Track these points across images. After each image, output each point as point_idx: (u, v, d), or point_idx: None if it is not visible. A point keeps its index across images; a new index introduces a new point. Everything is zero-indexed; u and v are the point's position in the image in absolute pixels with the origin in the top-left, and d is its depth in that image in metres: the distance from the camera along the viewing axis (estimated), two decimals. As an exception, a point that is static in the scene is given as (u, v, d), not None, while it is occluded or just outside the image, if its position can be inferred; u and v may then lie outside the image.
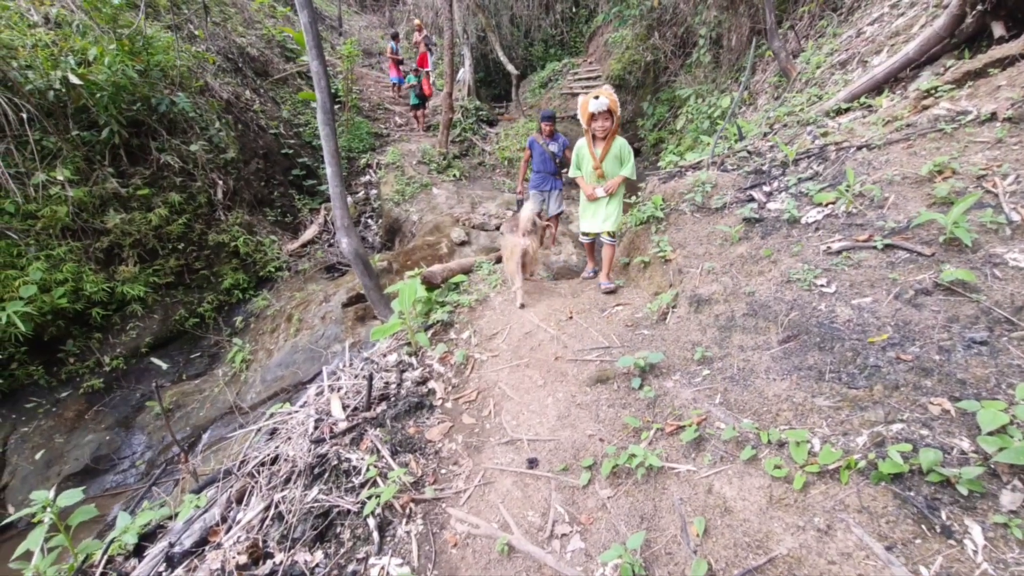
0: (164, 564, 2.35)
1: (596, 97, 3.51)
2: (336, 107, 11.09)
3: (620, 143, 3.79)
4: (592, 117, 3.62)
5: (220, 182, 7.31)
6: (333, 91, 11.02)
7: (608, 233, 3.88)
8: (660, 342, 2.84)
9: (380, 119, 12.37)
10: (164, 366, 6.12)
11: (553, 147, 5.78)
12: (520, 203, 5.57)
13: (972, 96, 3.44)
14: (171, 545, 2.40)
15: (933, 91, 3.79)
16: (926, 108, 3.65)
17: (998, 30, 3.95)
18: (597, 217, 3.90)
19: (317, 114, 4.29)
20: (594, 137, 3.78)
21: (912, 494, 1.60)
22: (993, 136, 2.88)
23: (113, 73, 6.15)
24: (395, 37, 13.05)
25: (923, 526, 1.53)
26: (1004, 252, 2.27)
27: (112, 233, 6.05)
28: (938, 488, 1.59)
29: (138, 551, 2.56)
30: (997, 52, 3.66)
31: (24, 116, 5.51)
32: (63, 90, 5.86)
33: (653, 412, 2.36)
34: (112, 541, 2.56)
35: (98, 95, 6.06)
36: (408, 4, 18.94)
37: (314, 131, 10.08)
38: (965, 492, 1.55)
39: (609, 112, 3.59)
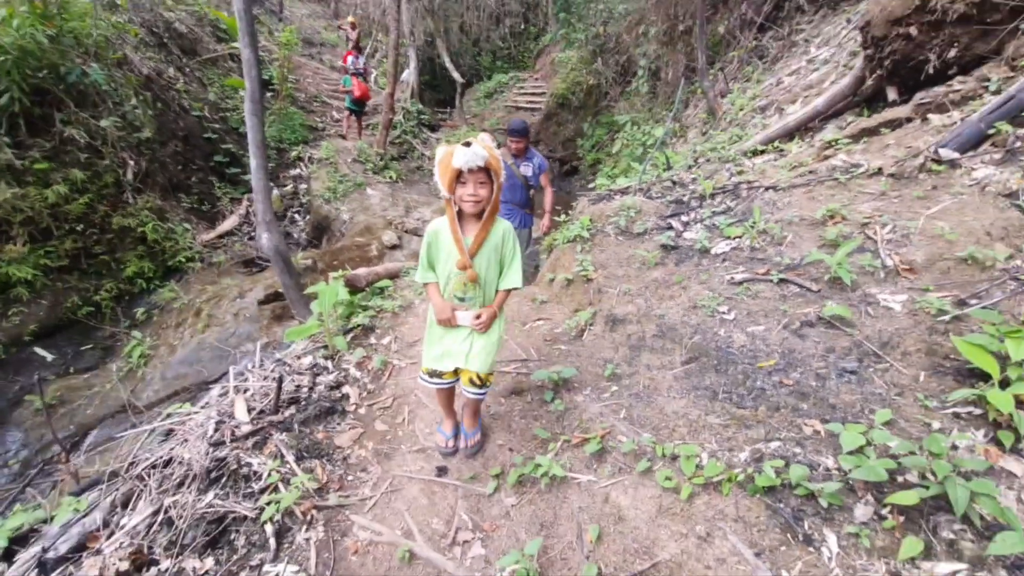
0: (36, 570, 2.14)
1: (467, 144, 1.91)
2: (269, 95, 10.62)
3: (503, 227, 2.15)
4: (458, 178, 1.97)
5: (131, 162, 6.77)
6: (268, 78, 10.58)
7: (476, 378, 2.22)
8: (575, 357, 2.94)
9: (316, 112, 11.97)
10: (49, 357, 5.56)
11: (525, 169, 4.59)
12: None
13: (865, 151, 3.85)
14: (44, 550, 2.19)
15: (834, 143, 4.21)
16: (827, 158, 4.05)
17: (892, 94, 4.46)
18: (455, 349, 2.21)
19: (245, 103, 4.11)
20: (460, 214, 2.09)
21: (782, 505, 1.76)
22: (878, 188, 3.24)
23: (21, 36, 5.57)
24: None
25: (788, 535, 1.68)
26: (877, 292, 2.56)
27: (1, 208, 5.44)
28: (804, 501, 1.76)
29: (7, 556, 2.33)
30: (889, 114, 4.12)
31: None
32: (-43, 48, 5.24)
33: (562, 424, 2.44)
34: (-26, 546, 2.30)
35: (1, 59, 5.46)
36: (356, -2, 18.56)
37: (242, 117, 9.51)
38: (826, 505, 1.72)
39: (487, 171, 1.97)
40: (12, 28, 5.54)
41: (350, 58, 10.60)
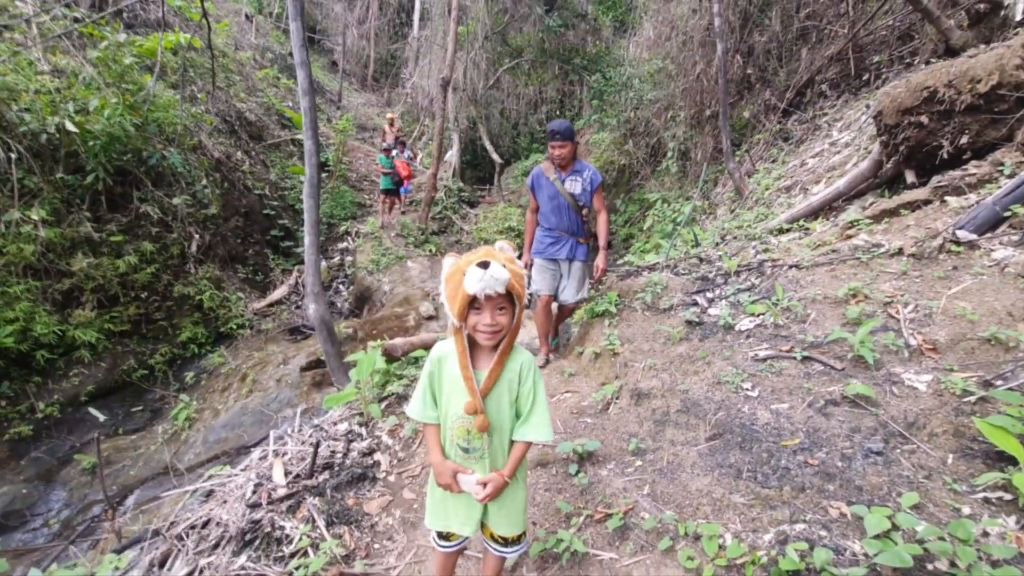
0: (70, 629, 2.24)
1: (483, 265, 1.48)
2: (324, 175, 11.55)
3: (521, 359, 1.72)
4: (472, 303, 1.56)
5: (196, 235, 7.43)
6: (323, 160, 11.57)
7: (501, 539, 1.84)
8: (600, 431, 2.98)
9: (365, 190, 12.88)
10: (102, 417, 5.88)
11: (573, 185, 3.74)
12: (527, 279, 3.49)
13: (886, 231, 3.93)
14: (81, 608, 2.29)
15: (856, 223, 4.30)
16: (849, 237, 4.13)
17: (910, 177, 4.57)
18: (465, 515, 1.81)
19: (304, 187, 4.57)
20: (471, 344, 1.69)
21: (806, 592, 1.73)
22: (899, 268, 3.29)
23: (110, 124, 6.41)
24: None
25: (814, 624, 1.64)
26: (901, 372, 2.56)
27: (76, 276, 6.02)
28: (829, 587, 1.73)
29: (44, 613, 2.43)
30: (908, 196, 4.22)
31: (12, 156, 5.64)
32: (57, 135, 6.05)
33: (585, 498, 2.46)
34: (16, 601, 2.42)
35: (91, 143, 6.27)
36: (407, 88, 20.30)
37: (298, 195, 10.43)
38: (852, 592, 1.69)
39: (509, 297, 1.58)
40: (103, 117, 6.36)
41: (386, 155, 10.90)
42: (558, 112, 20.03)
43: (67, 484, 5.17)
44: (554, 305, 4.30)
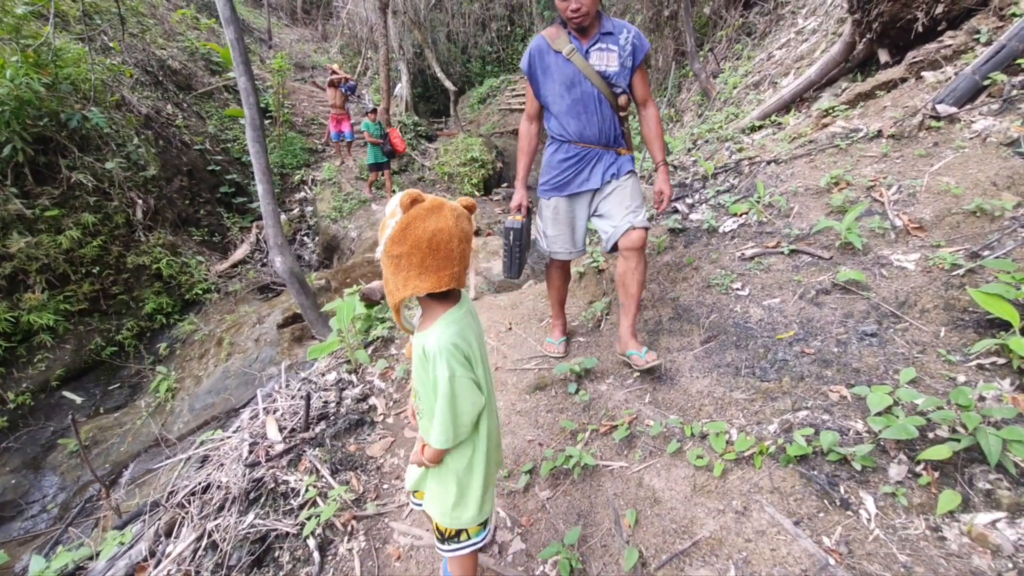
0: (84, 608, 2.20)
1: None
2: (267, 122, 10.77)
3: (427, 343, 1.28)
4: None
5: (140, 201, 6.92)
6: (264, 106, 10.73)
7: (437, 530, 1.53)
8: (595, 348, 2.96)
9: (314, 134, 12.12)
10: (78, 400, 5.68)
11: (604, 59, 2.29)
12: (513, 233, 2.56)
13: (863, 115, 3.84)
14: (91, 587, 2.25)
15: (831, 111, 4.19)
16: (825, 126, 4.04)
17: (884, 56, 4.43)
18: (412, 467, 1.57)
19: (246, 131, 4.19)
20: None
21: (815, 473, 1.77)
22: (880, 151, 3.23)
23: (16, 87, 5.72)
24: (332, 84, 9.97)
25: (825, 501, 1.69)
26: (890, 254, 2.55)
27: (16, 258, 5.58)
28: (837, 466, 1.77)
29: (55, 597, 2.38)
30: (883, 76, 4.10)
31: (-91, 132, 5.02)
32: (-43, 104, 5.39)
33: (588, 414, 2.46)
34: (22, 589, 2.36)
35: (-1, 110, 5.62)
36: (342, 18, 18.75)
37: (243, 147, 9.74)
38: (859, 468, 1.73)
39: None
40: (6, 79, 5.67)
41: (372, 120, 8.77)
42: (508, 29, 18.89)
43: (57, 469, 5.05)
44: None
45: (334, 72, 10.03)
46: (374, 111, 9.08)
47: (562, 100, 2.37)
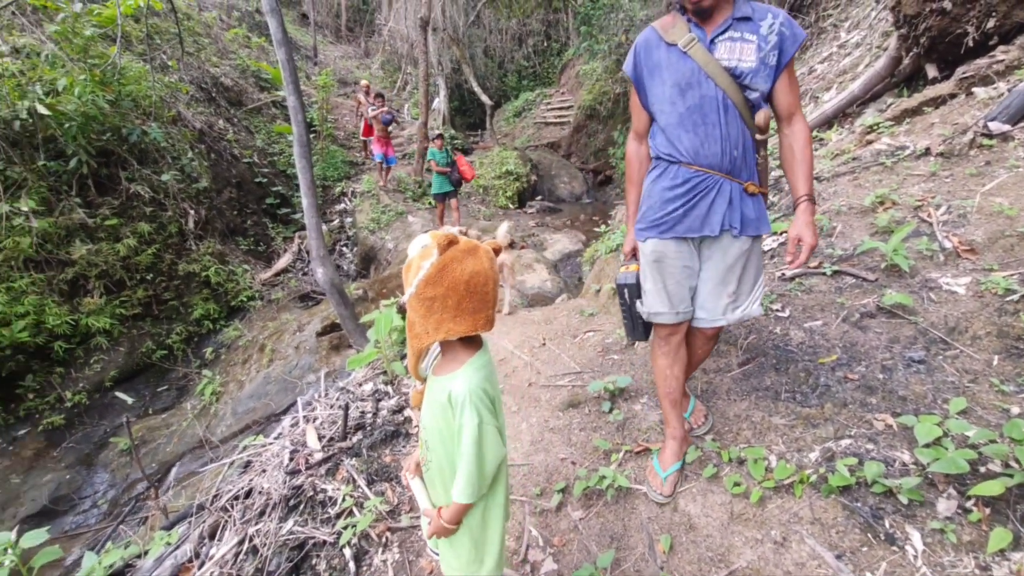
0: (133, 604, 2.31)
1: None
2: (311, 136, 11.17)
3: (455, 389, 1.21)
4: None
5: (191, 211, 7.27)
6: (308, 121, 11.16)
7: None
8: (629, 367, 2.94)
9: (355, 147, 12.50)
10: (129, 400, 5.96)
11: (736, 51, 1.67)
12: (628, 290, 2.00)
13: (909, 132, 3.73)
14: (140, 584, 2.36)
15: (875, 127, 4.09)
16: (870, 143, 3.93)
17: (932, 71, 4.31)
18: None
19: (294, 147, 4.37)
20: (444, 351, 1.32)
21: (859, 505, 1.72)
22: (927, 170, 3.14)
23: (83, 103, 6.12)
24: (380, 96, 10.15)
25: (869, 534, 1.64)
26: (938, 277, 2.47)
27: (77, 264, 5.94)
28: (882, 498, 1.71)
29: (105, 592, 2.49)
30: (931, 92, 3.98)
31: (-11, 147, 5.43)
32: (30, 120, 5.80)
33: (622, 434, 2.45)
34: (77, 583, 2.49)
35: (67, 125, 6.02)
36: (383, 35, 19.32)
37: (288, 160, 10.13)
38: (906, 501, 1.67)
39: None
40: (74, 96, 6.08)
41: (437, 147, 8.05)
42: (544, 44, 19.06)
43: (108, 466, 5.30)
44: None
45: (368, 91, 10.33)
46: (439, 137, 8.22)
47: (673, 108, 1.76)
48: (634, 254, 2.02)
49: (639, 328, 2.06)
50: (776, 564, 1.66)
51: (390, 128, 10.03)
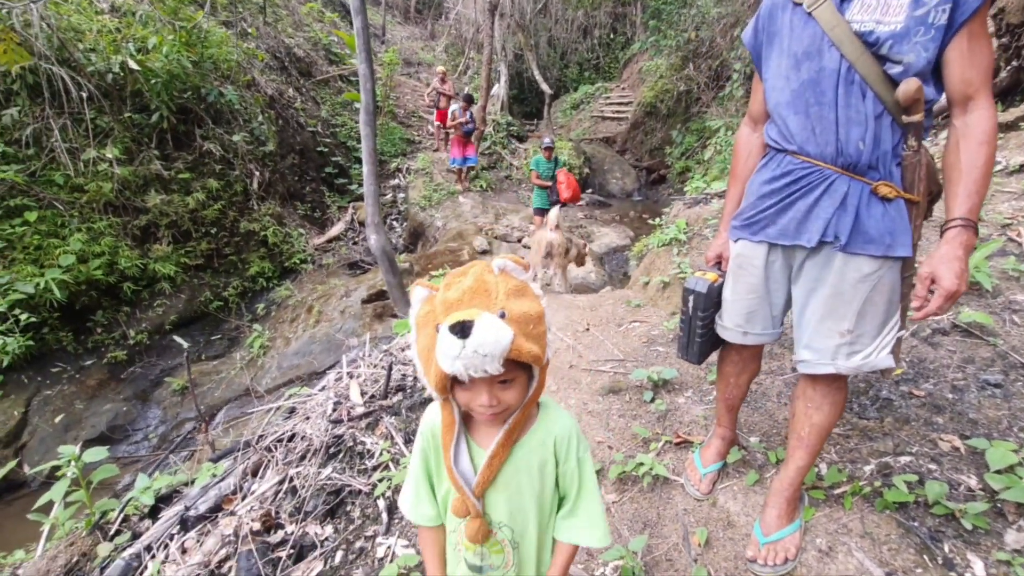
0: (178, 526, 2.44)
1: (461, 329, 0.78)
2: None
3: (556, 432, 1.04)
4: (456, 379, 0.86)
5: (257, 173, 7.56)
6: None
7: None
8: (675, 359, 2.88)
9: (413, 126, 12.70)
10: (185, 345, 6.24)
11: (874, 13, 1.25)
12: (694, 298, 1.75)
13: (1003, 147, 3.48)
14: (187, 508, 2.49)
15: (965, 140, 3.82)
16: (957, 156, 3.68)
17: (1034, 86, 3.99)
18: None
19: (360, 114, 4.47)
20: (467, 420, 1.03)
21: (916, 524, 1.63)
22: (1020, 187, 2.92)
23: (169, 62, 6.45)
24: (468, 99, 9.52)
25: (925, 556, 1.55)
26: (1023, 299, 2.30)
27: (151, 212, 6.29)
28: (942, 521, 1.62)
29: (153, 512, 2.65)
30: (1032, 107, 3.69)
31: (84, 95, 5.79)
32: (121, 74, 6.16)
33: (663, 424, 2.40)
34: (129, 500, 2.66)
35: (152, 81, 6.36)
36: (450, 19, 19.45)
37: (349, 132, 10.38)
38: (969, 527, 1.57)
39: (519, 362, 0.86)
40: (162, 55, 6.42)
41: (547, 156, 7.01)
42: (610, 37, 18.73)
43: (160, 404, 5.64)
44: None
45: (444, 78, 10.55)
46: (550, 147, 7.01)
47: (787, 84, 1.43)
48: (718, 262, 1.78)
49: (694, 347, 1.80)
50: (819, 573, 1.60)
51: (472, 137, 9.52)
